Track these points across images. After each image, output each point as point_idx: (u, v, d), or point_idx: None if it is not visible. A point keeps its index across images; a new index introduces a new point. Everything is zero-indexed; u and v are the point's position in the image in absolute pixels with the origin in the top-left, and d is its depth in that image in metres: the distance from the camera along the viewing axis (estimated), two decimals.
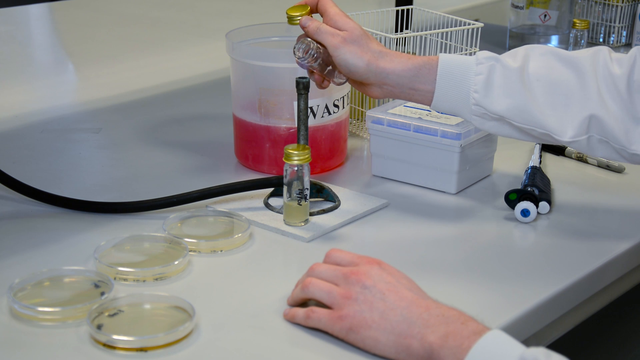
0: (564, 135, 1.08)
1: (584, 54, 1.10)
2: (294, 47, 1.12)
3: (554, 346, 0.95)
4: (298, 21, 1.13)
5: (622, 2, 2.05)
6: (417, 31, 1.43)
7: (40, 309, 0.92)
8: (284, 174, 1.12)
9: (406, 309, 0.86)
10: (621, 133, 1.07)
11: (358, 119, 1.49)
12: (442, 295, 0.98)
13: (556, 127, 1.08)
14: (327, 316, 0.89)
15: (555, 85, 1.08)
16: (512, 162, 1.36)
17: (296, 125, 1.15)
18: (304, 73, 1.18)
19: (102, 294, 0.95)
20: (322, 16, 1.15)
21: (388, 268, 0.91)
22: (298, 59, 1.12)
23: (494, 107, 1.08)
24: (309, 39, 1.12)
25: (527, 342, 0.98)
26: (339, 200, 1.20)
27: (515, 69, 1.09)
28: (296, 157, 1.10)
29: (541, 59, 1.10)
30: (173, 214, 1.14)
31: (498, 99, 1.08)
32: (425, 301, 0.87)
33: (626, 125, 1.07)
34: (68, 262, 1.02)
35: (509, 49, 2.09)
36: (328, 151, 1.31)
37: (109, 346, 0.87)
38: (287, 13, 1.14)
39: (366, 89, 1.13)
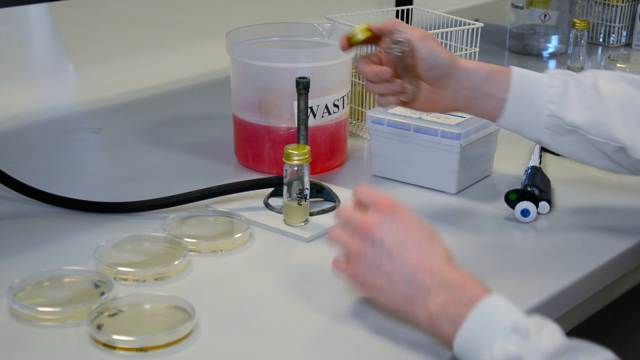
0: (638, 152, 1.07)
1: None
2: (385, 41, 1.06)
3: None
4: (366, 29, 1.07)
5: (622, 2, 2.05)
6: None
7: (40, 309, 0.92)
8: (284, 174, 1.12)
9: (411, 274, 0.87)
10: None
11: (358, 119, 1.49)
12: None
13: (631, 144, 1.07)
14: (345, 269, 0.92)
15: (626, 105, 1.08)
16: (512, 162, 1.36)
17: (296, 125, 1.15)
18: (303, 73, 1.18)
19: (102, 294, 0.95)
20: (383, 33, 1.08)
21: (401, 215, 0.90)
22: (393, 44, 1.05)
23: (570, 117, 1.07)
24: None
25: None
26: (339, 200, 1.20)
27: (589, 84, 1.09)
28: (296, 157, 1.10)
29: (610, 80, 1.10)
30: (173, 214, 1.14)
31: (574, 110, 1.07)
32: (430, 263, 0.87)
33: None
34: (68, 262, 1.02)
35: (509, 49, 2.09)
36: (328, 151, 1.31)
37: (109, 346, 0.87)
38: (351, 32, 1.07)
39: (438, 97, 1.09)
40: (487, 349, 0.81)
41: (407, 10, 1.56)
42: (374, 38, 1.09)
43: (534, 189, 1.20)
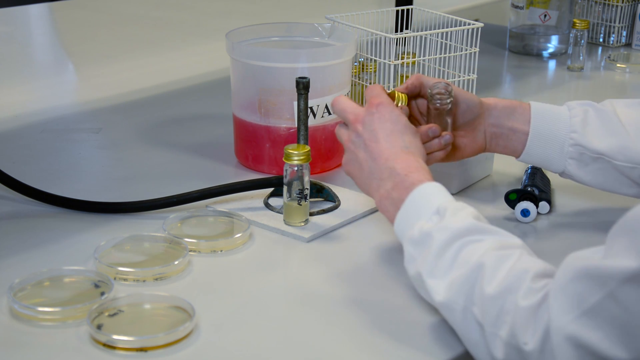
0: None
1: None
2: (432, 91, 1.09)
3: None
4: (403, 96, 1.09)
5: (622, 2, 2.05)
6: (417, 31, 1.43)
7: (40, 309, 0.92)
8: (284, 174, 1.12)
9: (373, 162, 0.99)
10: None
11: None
12: None
13: None
14: (343, 156, 1.04)
15: None
16: (512, 162, 1.35)
17: (296, 125, 1.15)
18: (303, 73, 1.18)
19: (102, 294, 0.95)
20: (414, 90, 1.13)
21: (382, 111, 1.01)
22: (441, 95, 1.09)
23: (594, 145, 1.09)
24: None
25: None
26: (339, 200, 1.20)
27: (610, 112, 1.10)
28: (296, 157, 1.10)
29: (628, 106, 1.12)
30: (173, 214, 1.14)
31: (598, 137, 1.09)
32: (389, 151, 0.98)
33: None
34: (68, 262, 1.02)
35: (509, 49, 2.09)
36: (328, 151, 1.31)
37: (109, 346, 0.87)
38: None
39: (472, 138, 1.12)
40: (412, 227, 0.92)
41: (407, 10, 1.56)
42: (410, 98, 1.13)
43: (534, 189, 1.20)
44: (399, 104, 1.08)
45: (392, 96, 1.07)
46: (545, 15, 1.99)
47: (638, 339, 0.73)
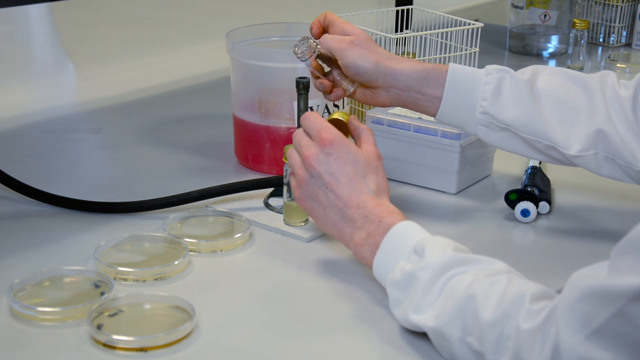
0: (570, 148, 1.08)
1: (592, 75, 1.11)
2: (294, 46, 1.12)
3: None
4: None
5: (622, 2, 2.05)
6: (417, 31, 1.43)
7: (40, 309, 0.92)
8: (284, 174, 1.12)
9: (342, 209, 0.98)
10: (627, 150, 1.07)
11: (358, 119, 1.49)
12: None
13: (563, 140, 1.08)
14: (293, 188, 1.03)
15: (563, 100, 1.09)
16: (512, 162, 1.36)
17: (296, 125, 1.15)
18: (304, 73, 1.18)
19: (102, 294, 0.95)
20: (328, 29, 1.15)
21: (339, 151, 0.99)
22: (298, 57, 1.12)
23: (501, 115, 1.09)
24: (310, 39, 1.12)
25: None
26: None
27: (525, 81, 1.10)
28: None
29: (550, 76, 1.11)
30: (173, 214, 1.14)
31: (506, 107, 1.09)
32: (357, 198, 0.98)
33: (632, 145, 1.07)
34: (68, 262, 1.02)
35: (509, 49, 2.09)
36: None
37: (109, 346, 0.87)
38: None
39: (373, 94, 1.13)
40: (392, 270, 0.91)
41: (407, 10, 1.56)
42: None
43: (534, 189, 1.20)
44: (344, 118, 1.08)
45: (334, 122, 1.06)
46: (545, 15, 1.99)
47: None
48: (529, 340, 0.79)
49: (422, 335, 0.91)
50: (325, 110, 1.27)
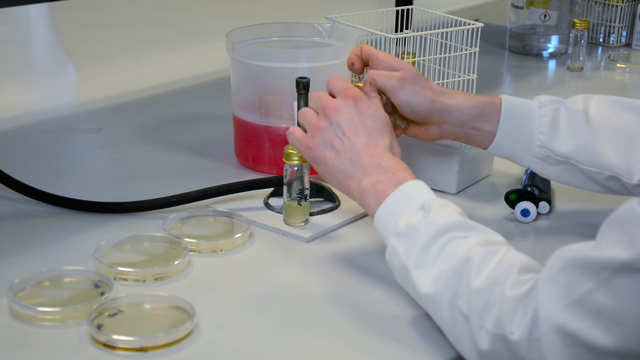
0: (632, 177, 1.07)
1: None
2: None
3: None
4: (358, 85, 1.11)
5: (622, 2, 2.05)
6: (417, 31, 1.43)
7: (40, 309, 0.92)
8: (284, 174, 1.12)
9: (355, 155, 0.99)
10: None
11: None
12: None
13: (625, 170, 1.08)
14: (300, 139, 1.03)
15: (618, 129, 1.09)
16: (512, 162, 1.35)
17: (296, 125, 1.15)
18: (304, 73, 1.18)
19: (102, 294, 0.95)
20: (369, 64, 1.13)
21: (361, 105, 1.01)
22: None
23: (560, 148, 1.09)
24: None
25: None
26: (339, 200, 1.20)
27: (579, 112, 1.09)
28: (296, 157, 1.10)
29: (600, 104, 1.11)
30: (173, 214, 1.14)
31: (564, 140, 1.08)
32: (374, 149, 0.99)
33: None
34: (68, 262, 1.02)
35: (509, 49, 2.09)
36: None
37: (109, 346, 0.87)
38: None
39: (425, 129, 1.13)
40: (396, 221, 0.93)
41: (407, 10, 1.56)
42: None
43: (534, 189, 1.20)
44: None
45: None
46: (545, 15, 1.99)
47: (625, 328, 0.74)
48: (511, 308, 0.80)
49: (422, 335, 0.91)
50: None
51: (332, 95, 1.04)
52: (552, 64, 1.98)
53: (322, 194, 1.21)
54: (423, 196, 0.94)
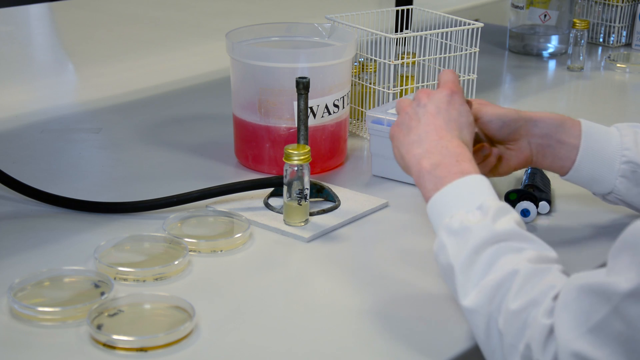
0: None
1: None
2: None
3: None
4: None
5: (622, 2, 2.05)
6: (417, 31, 1.43)
7: (40, 309, 0.92)
8: (284, 174, 1.12)
9: (424, 133, 0.97)
10: None
11: (358, 119, 1.49)
12: (442, 295, 0.98)
13: None
14: (392, 129, 1.03)
15: None
16: None
17: (296, 125, 1.15)
18: (304, 73, 1.18)
19: (102, 294, 0.95)
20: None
21: (455, 98, 1.01)
22: None
23: None
24: None
25: None
26: (339, 200, 1.20)
27: None
28: (296, 157, 1.10)
29: None
30: (173, 214, 1.14)
31: None
32: (445, 132, 0.97)
33: None
34: (68, 262, 1.02)
35: (509, 49, 2.09)
36: (328, 151, 1.31)
37: (109, 346, 0.87)
38: None
39: (516, 147, 1.10)
40: (450, 216, 0.90)
41: (407, 10, 1.56)
42: None
43: (534, 189, 1.20)
44: None
45: None
46: (545, 15, 1.99)
47: None
48: (542, 335, 0.79)
49: (422, 335, 0.91)
50: (325, 110, 1.27)
51: None
52: (552, 64, 1.98)
53: (322, 194, 1.21)
54: (483, 195, 0.91)
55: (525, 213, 1.16)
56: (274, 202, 1.19)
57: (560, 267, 0.86)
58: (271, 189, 1.21)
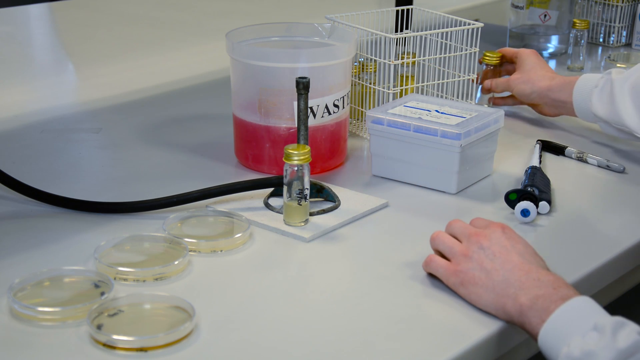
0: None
1: None
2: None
3: None
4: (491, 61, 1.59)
5: (622, 2, 2.05)
6: (417, 31, 1.43)
7: (40, 309, 0.92)
8: (284, 174, 1.12)
9: (509, 272, 0.94)
10: None
11: (358, 119, 1.49)
12: (442, 295, 0.98)
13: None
14: (444, 267, 0.99)
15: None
16: (512, 162, 1.36)
17: (296, 125, 1.15)
18: (304, 73, 1.18)
19: (102, 294, 0.95)
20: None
21: (509, 233, 0.99)
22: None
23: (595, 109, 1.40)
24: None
25: (524, 343, 0.98)
26: (339, 200, 1.20)
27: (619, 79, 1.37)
28: (296, 157, 1.10)
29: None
30: (173, 214, 1.14)
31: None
32: (529, 266, 0.94)
33: None
34: (68, 262, 1.03)
35: None
36: (328, 151, 1.31)
37: (109, 346, 0.87)
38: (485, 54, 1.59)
39: (539, 109, 1.54)
40: (567, 344, 0.85)
41: (407, 10, 1.56)
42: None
43: (534, 189, 1.20)
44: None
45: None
46: (545, 15, 1.99)
47: None
48: None
49: (422, 334, 0.91)
50: (325, 110, 1.27)
51: (457, 239, 1.01)
52: (552, 64, 1.98)
53: (322, 194, 1.21)
54: (593, 314, 0.87)
55: (525, 213, 1.16)
56: (274, 202, 1.19)
57: None
58: (271, 189, 1.21)
